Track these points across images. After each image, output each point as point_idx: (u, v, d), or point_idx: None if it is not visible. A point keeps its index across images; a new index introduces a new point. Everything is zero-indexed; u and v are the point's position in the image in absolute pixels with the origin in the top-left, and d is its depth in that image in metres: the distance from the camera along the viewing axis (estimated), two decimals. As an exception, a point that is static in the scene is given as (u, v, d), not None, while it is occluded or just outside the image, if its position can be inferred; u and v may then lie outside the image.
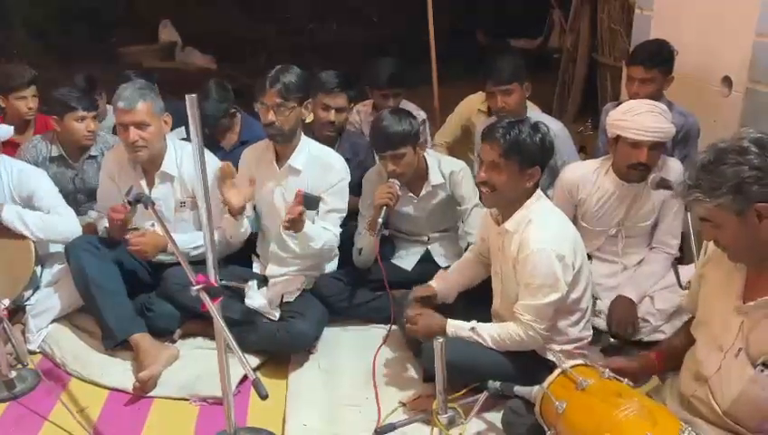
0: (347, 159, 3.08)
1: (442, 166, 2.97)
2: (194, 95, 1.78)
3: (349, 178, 2.89)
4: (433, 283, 2.64)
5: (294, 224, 2.62)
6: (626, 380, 1.84)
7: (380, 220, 2.73)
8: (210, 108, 3.43)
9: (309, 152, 2.84)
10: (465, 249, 2.85)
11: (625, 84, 3.34)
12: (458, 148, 3.87)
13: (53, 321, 2.92)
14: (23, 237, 2.85)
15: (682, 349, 1.98)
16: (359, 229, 2.99)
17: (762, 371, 1.65)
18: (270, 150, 2.87)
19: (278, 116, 2.69)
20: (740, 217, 1.62)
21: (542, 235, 2.23)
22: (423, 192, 2.97)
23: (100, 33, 7.71)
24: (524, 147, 2.23)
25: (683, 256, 2.92)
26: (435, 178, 2.95)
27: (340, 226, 2.91)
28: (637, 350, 2.55)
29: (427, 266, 3.00)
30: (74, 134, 3.22)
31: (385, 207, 2.74)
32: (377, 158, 3.46)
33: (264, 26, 7.87)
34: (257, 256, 3.07)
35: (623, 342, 2.69)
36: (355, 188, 3.18)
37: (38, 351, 2.84)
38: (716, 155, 1.62)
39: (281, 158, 2.85)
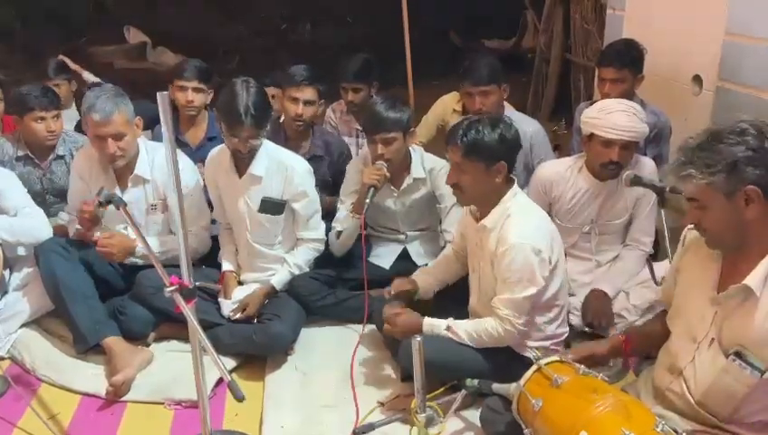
0: (319, 157, 3.04)
1: (424, 162, 2.99)
2: (165, 93, 1.76)
3: (313, 180, 2.87)
4: (415, 276, 2.64)
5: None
6: (601, 375, 1.85)
7: (367, 201, 2.74)
8: (191, 63, 3.39)
9: (268, 157, 2.79)
10: (443, 248, 2.85)
11: (597, 85, 3.38)
12: (434, 148, 3.86)
13: (23, 325, 2.87)
14: (-11, 241, 2.78)
15: (656, 336, 2.00)
16: (338, 215, 2.96)
17: (733, 360, 1.67)
18: (226, 155, 2.82)
19: (250, 145, 2.69)
20: (728, 198, 1.63)
21: (520, 229, 2.25)
22: (404, 185, 2.97)
23: (70, 34, 7.59)
24: (483, 145, 2.25)
25: (656, 253, 2.95)
26: (417, 171, 2.95)
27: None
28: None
29: (405, 265, 2.99)
30: (35, 135, 3.14)
31: (372, 189, 2.75)
32: (354, 151, 3.45)
33: (237, 26, 7.82)
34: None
35: (597, 334, 2.70)
36: (328, 187, 3.16)
37: (7, 356, 2.78)
38: (714, 135, 1.63)
39: (240, 165, 2.80)
